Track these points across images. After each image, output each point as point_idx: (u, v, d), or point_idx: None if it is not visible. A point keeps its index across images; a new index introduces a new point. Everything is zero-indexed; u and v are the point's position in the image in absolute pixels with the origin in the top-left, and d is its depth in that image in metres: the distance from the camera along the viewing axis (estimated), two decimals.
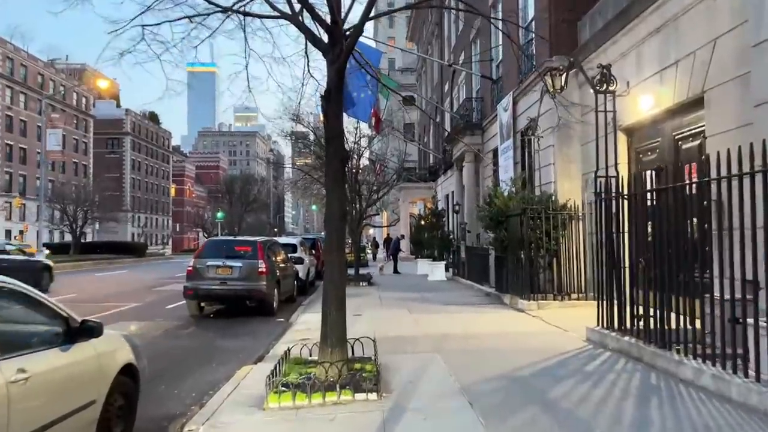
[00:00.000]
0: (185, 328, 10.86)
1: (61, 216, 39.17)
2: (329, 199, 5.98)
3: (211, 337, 9.93)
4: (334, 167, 5.99)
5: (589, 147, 13.00)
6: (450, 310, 12.02)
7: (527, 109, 15.52)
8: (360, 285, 18.43)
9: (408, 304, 13.05)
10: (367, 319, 10.75)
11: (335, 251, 5.97)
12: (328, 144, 6.02)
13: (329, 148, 5.98)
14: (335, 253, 5.97)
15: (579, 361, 6.95)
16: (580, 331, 8.70)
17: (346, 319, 7.82)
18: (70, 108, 79.65)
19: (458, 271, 20.78)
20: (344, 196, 6.12)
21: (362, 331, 9.33)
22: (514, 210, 12.45)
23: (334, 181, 5.99)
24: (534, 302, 11.52)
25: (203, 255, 12.28)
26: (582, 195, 13.15)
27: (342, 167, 6.07)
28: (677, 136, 9.87)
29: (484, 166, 21.19)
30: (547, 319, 10.14)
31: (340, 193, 6.05)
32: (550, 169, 13.79)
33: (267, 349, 8.64)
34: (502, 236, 13.16)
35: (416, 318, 10.75)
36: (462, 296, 14.76)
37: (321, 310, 6.16)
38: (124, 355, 4.55)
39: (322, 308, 6.14)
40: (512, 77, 17.49)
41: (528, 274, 11.92)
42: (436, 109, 36.40)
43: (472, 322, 10.21)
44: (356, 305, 13.16)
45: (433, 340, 8.34)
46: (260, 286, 11.89)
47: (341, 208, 6.01)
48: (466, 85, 25.47)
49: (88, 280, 23.44)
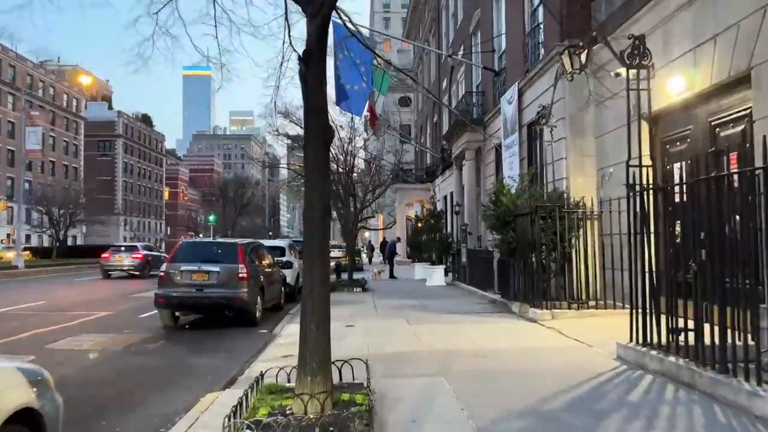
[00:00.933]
0: (153, 341, 9.57)
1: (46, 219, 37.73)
2: (308, 192, 4.74)
3: (181, 354, 8.64)
4: (315, 150, 4.75)
5: (605, 139, 11.80)
6: (453, 319, 10.76)
7: (535, 99, 14.31)
8: (354, 291, 17.19)
9: (406, 312, 11.79)
10: (360, 331, 9.49)
11: (316, 256, 4.72)
12: (308, 119, 4.78)
13: (308, 124, 4.75)
14: (316, 259, 4.72)
15: (617, 387, 5.70)
16: (607, 347, 7.47)
17: (337, 331, 6.61)
18: (60, 109, 78.15)
19: (458, 276, 19.53)
20: (327, 187, 4.86)
21: (354, 346, 8.08)
22: (523, 209, 11.23)
23: (314, 167, 4.75)
24: (547, 311, 10.29)
25: (177, 259, 10.98)
26: (597, 192, 11.94)
27: (325, 150, 4.82)
28: (714, 121, 8.67)
29: (485, 164, 19.97)
30: (565, 330, 8.90)
31: (323, 183, 4.80)
32: (562, 163, 12.58)
33: (242, 368, 7.38)
34: (509, 238, 11.93)
35: (416, 329, 9.50)
36: (464, 303, 13.50)
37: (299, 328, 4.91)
38: (16, 396, 3.28)
39: (300, 325, 4.89)
40: (517, 67, 16.29)
41: (540, 280, 10.70)
42: (433, 108, 35.23)
43: (480, 334, 8.95)
44: (349, 314, 11.92)
45: (437, 359, 7.09)
46: (240, 294, 10.62)
47: (324, 202, 4.76)
48: (465, 80, 24.29)
49: (65, 285, 22.09)
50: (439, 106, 32.38)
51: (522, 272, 11.64)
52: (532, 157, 15.20)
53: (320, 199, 4.72)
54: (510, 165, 15.78)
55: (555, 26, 12.82)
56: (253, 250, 11.86)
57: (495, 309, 12.35)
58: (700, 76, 8.68)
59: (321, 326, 4.71)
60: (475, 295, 15.47)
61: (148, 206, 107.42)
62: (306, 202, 4.77)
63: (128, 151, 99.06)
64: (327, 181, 4.78)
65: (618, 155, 11.23)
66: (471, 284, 17.13)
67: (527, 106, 15.00)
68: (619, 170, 11.24)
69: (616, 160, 11.31)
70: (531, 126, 15.12)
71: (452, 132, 22.49)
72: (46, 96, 74.85)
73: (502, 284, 13.64)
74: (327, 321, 4.82)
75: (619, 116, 11.14)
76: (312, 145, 4.71)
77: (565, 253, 10.83)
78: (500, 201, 12.17)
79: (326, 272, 4.80)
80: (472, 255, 17.42)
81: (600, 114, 11.99)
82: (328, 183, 4.80)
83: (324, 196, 4.75)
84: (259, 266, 11.94)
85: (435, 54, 33.40)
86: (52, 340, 9.55)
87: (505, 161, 16.42)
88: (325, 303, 4.75)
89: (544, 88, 13.53)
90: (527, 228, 11.08)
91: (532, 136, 15.25)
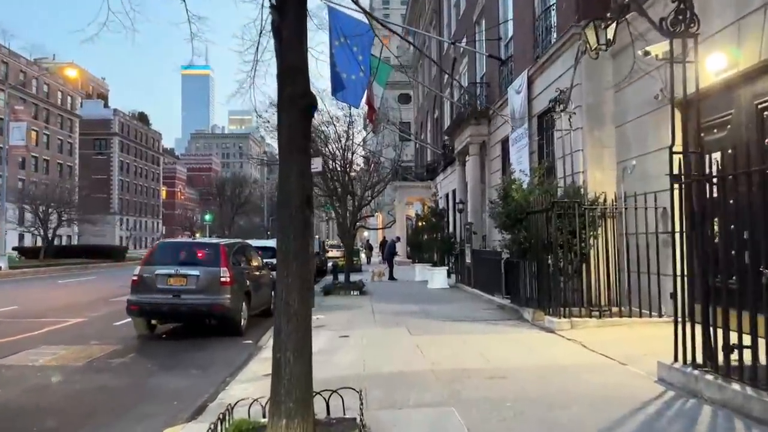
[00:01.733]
0: (121, 355, 8.44)
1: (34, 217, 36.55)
2: (283, 178, 3.64)
3: (148, 371, 7.52)
4: (291, 122, 3.65)
5: (626, 128, 10.68)
6: (460, 328, 9.65)
7: (546, 87, 13.19)
8: (351, 294, 16.09)
9: (407, 320, 10.69)
10: (355, 343, 8.38)
11: (293, 260, 3.61)
12: (282, 83, 3.66)
13: (283, 90, 3.64)
14: (293, 264, 3.61)
15: (673, 424, 4.59)
16: (642, 365, 6.40)
17: (330, 343, 5.54)
18: (54, 107, 76.91)
19: (462, 278, 18.41)
20: (308, 170, 3.72)
21: (347, 364, 6.97)
22: (538, 205, 10.12)
23: (290, 146, 3.65)
24: (565, 320, 9.18)
25: (152, 261, 9.86)
26: (617, 187, 10.83)
27: (304, 122, 3.70)
28: (762, 104, 7.56)
29: (491, 159, 18.85)
30: (589, 343, 7.78)
31: (302, 166, 3.68)
32: (578, 156, 11.46)
33: (216, 390, 6.28)
34: (520, 237, 10.82)
35: (418, 341, 8.38)
36: (471, 309, 12.39)
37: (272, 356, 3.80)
38: None
39: (272, 353, 3.78)
40: (526, 54, 15.17)
41: (557, 284, 9.59)
42: (434, 104, 34.09)
43: (492, 347, 7.84)
44: (345, 321, 10.83)
45: (445, 381, 5.98)
46: (222, 300, 9.51)
47: (303, 191, 3.64)
48: (468, 72, 23.17)
49: (45, 288, 20.95)
50: (440, 102, 31.26)
51: (535, 275, 10.53)
52: (543, 151, 14.08)
53: (299, 188, 3.62)
54: (518, 159, 14.67)
55: (570, 5, 11.71)
56: (238, 252, 10.74)
57: (504, 316, 11.24)
58: (745, 52, 7.57)
59: (300, 355, 3.61)
60: (480, 299, 14.35)
61: (145, 205, 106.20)
62: (280, 190, 3.66)
63: (124, 149, 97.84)
64: (306, 163, 3.67)
65: (642, 145, 10.13)
66: (476, 287, 16.01)
67: (538, 95, 13.88)
68: (644, 162, 10.14)
69: (639, 152, 10.21)
70: (542, 116, 14.01)
71: (455, 126, 21.36)
72: (40, 93, 73.63)
73: (511, 288, 12.54)
74: (308, 347, 3.71)
75: (643, 102, 10.04)
76: (287, 117, 3.61)
77: (582, 254, 9.72)
78: (511, 197, 11.06)
79: (307, 282, 3.70)
80: (477, 256, 16.31)
81: (621, 100, 10.87)
82: (308, 166, 3.68)
83: (304, 183, 3.64)
84: (246, 269, 10.82)
85: (436, 47, 32.27)
86: (8, 353, 8.45)
87: (512, 155, 15.30)
88: (305, 324, 3.65)
89: (558, 74, 12.41)
90: (542, 226, 9.97)
91: (543, 128, 14.14)
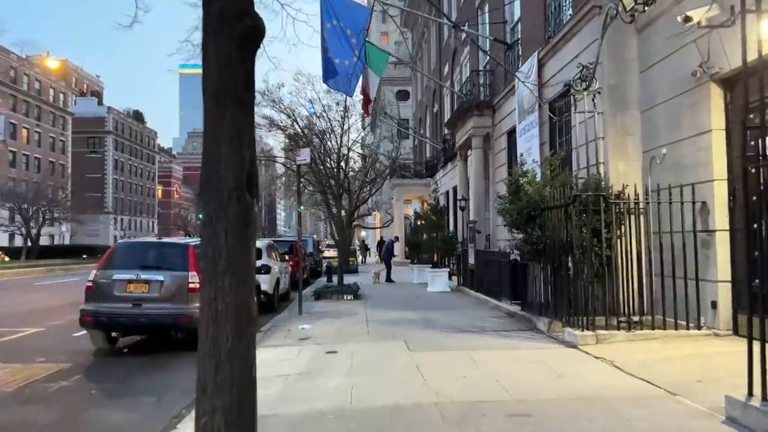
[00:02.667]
0: (65, 377, 7.11)
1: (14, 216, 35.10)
2: (209, 142, 2.31)
3: (90, 399, 6.19)
4: (223, 53, 2.31)
5: (655, 113, 9.36)
6: (466, 341, 8.33)
7: (560, 70, 11.89)
8: (344, 298, 14.76)
9: (405, 331, 9.38)
10: (343, 363, 7.06)
11: (223, 272, 2.29)
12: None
13: (210, 1, 2.31)
14: (224, 278, 2.29)
15: None
16: (697, 395, 5.13)
17: (314, 362, 4.30)
18: (46, 104, 75.41)
19: (465, 281, 17.09)
20: (247, 131, 2.34)
21: (330, 394, 5.64)
22: (555, 200, 8.81)
23: (219, 91, 2.30)
24: (590, 332, 7.87)
25: (110, 264, 8.51)
26: (643, 179, 9.53)
27: (244, 53, 2.33)
28: None
29: (495, 152, 17.53)
30: (623, 364, 6.48)
31: (239, 122, 2.33)
32: (598, 145, 10.13)
33: (165, 429, 4.98)
34: (534, 237, 9.52)
35: (418, 360, 7.06)
36: (476, 317, 11.07)
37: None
38: None
39: (195, 418, 2.44)
40: (535, 37, 13.86)
41: (579, 290, 8.28)
42: (433, 98, 32.78)
43: (509, 369, 6.52)
44: (334, 332, 9.53)
45: (454, 419, 4.67)
46: (191, 310, 8.16)
47: (240, 161, 2.30)
48: (470, 61, 21.85)
49: (18, 292, 19.60)
50: (440, 95, 29.96)
51: (551, 280, 9.24)
52: (555, 141, 12.77)
53: (235, 162, 2.30)
54: (528, 151, 13.36)
55: None
56: None
57: (515, 325, 9.93)
58: None
59: (237, 420, 2.27)
60: (486, 305, 13.04)
61: (140, 204, 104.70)
62: (205, 166, 2.35)
63: (119, 148, 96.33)
64: (247, 123, 2.34)
65: (674, 131, 8.82)
66: (480, 291, 14.71)
67: (549, 79, 12.57)
68: (676, 150, 8.82)
69: (670, 138, 8.90)
70: (554, 103, 12.71)
71: (456, 118, 20.03)
72: (32, 90, 72.16)
73: (521, 293, 11.24)
74: (249, 406, 2.38)
75: (676, 81, 8.71)
76: (216, 47, 2.29)
77: (603, 255, 8.41)
78: (523, 191, 9.74)
79: (246, 308, 2.36)
80: (482, 256, 15.00)
81: (648, 81, 9.57)
82: (249, 127, 2.35)
83: (242, 153, 2.32)
84: None
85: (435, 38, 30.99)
86: None
87: (521, 147, 13.99)
88: (243, 372, 2.33)
89: (573, 55, 11.09)
90: (560, 224, 8.67)
91: (555, 116, 12.83)
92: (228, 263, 2.30)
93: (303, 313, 11.97)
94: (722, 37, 7.60)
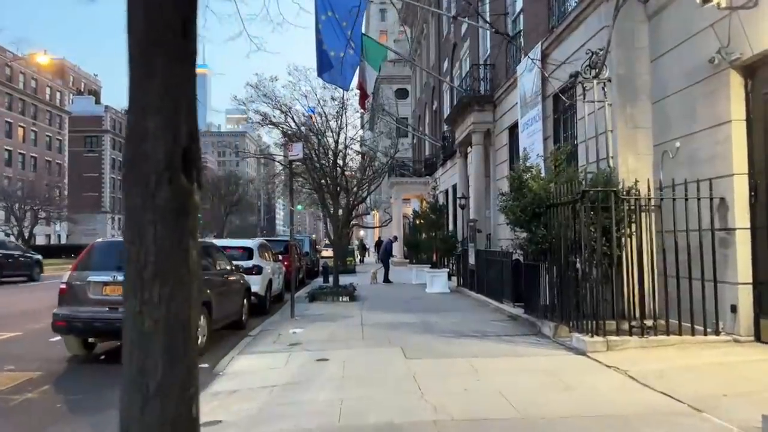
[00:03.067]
0: (32, 388, 6.54)
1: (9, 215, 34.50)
2: (135, 109, 1.75)
3: (51, 415, 5.61)
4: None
5: (667, 103, 8.80)
6: (467, 348, 7.78)
7: (565, 61, 11.32)
8: (340, 300, 14.20)
9: (402, 336, 8.82)
10: (334, 373, 6.50)
11: (152, 279, 1.73)
12: None
13: None
14: (152, 287, 1.74)
15: None
16: (727, 413, 4.58)
17: (302, 372, 3.87)
18: (42, 103, 74.78)
19: (465, 282, 16.54)
20: (184, 93, 1.76)
21: (317, 407, 5.08)
22: (562, 196, 8.26)
23: (144, 40, 1.73)
24: (600, 338, 7.32)
25: (86, 266, 7.94)
26: (654, 174, 8.98)
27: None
28: None
29: (496, 148, 16.98)
30: (639, 374, 5.92)
31: (173, 81, 1.77)
32: (608, 138, 9.57)
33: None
34: (539, 235, 8.96)
35: (416, 369, 6.51)
36: (478, 320, 10.52)
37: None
38: None
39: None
40: (538, 27, 13.31)
41: (587, 292, 7.73)
42: (432, 95, 32.23)
43: (515, 380, 5.97)
44: (326, 337, 8.98)
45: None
46: None
47: (174, 132, 1.73)
48: (470, 56, 21.30)
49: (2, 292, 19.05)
50: (439, 92, 29.42)
51: (557, 281, 8.68)
52: (560, 135, 12.23)
53: (166, 136, 1.74)
54: (531, 146, 12.80)
55: None
56: None
57: (519, 330, 9.37)
58: None
59: None
60: (487, 307, 12.49)
61: None
62: (129, 141, 1.78)
63: (116, 147, 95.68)
64: (184, 85, 1.78)
65: (688, 123, 8.27)
66: (481, 292, 14.17)
67: (554, 71, 12.00)
68: (690, 143, 8.26)
69: (684, 131, 8.35)
70: (558, 96, 12.16)
71: (456, 114, 19.47)
72: (28, 89, 71.55)
73: (523, 295, 10.70)
74: None
75: (691, 70, 8.16)
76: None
77: (615, 255, 7.86)
78: (527, 187, 9.19)
79: (182, 323, 1.80)
80: (483, 256, 14.45)
81: (660, 70, 9.01)
82: (186, 90, 1.79)
83: (177, 122, 1.76)
84: (206, 274, 8.95)
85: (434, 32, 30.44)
86: None
87: (523, 142, 13.44)
88: (179, 408, 1.76)
89: (579, 44, 10.55)
90: (568, 222, 8.12)
91: (559, 109, 12.29)
92: (158, 267, 1.75)
93: (295, 316, 11.42)
94: (743, 20, 7.05)
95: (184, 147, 1.80)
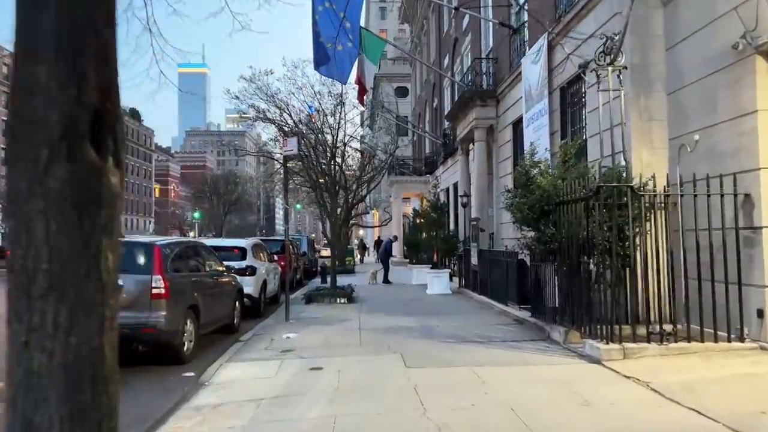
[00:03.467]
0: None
1: None
2: (20, 53, 1.23)
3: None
4: None
5: (685, 94, 8.25)
6: (473, 356, 7.24)
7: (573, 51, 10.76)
8: (337, 302, 13.66)
9: (402, 341, 8.28)
10: (328, 384, 5.96)
11: (48, 293, 1.21)
12: None
13: None
14: (48, 304, 1.22)
15: None
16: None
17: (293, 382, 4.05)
18: None
19: (467, 283, 16.00)
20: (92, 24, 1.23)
21: (308, 423, 4.56)
22: (573, 193, 7.72)
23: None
24: (615, 345, 6.79)
25: None
26: (672, 169, 8.43)
27: None
28: None
29: (499, 145, 16.43)
30: (662, 387, 5.38)
31: (77, 26, 1.23)
32: (619, 132, 9.01)
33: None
34: (547, 234, 8.42)
35: (417, 380, 5.97)
36: (482, 324, 9.98)
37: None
38: None
39: None
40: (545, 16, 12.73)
41: (601, 295, 7.20)
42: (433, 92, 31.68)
43: (525, 393, 5.43)
44: (321, 342, 8.45)
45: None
46: (154, 319, 7.11)
47: (76, 84, 1.20)
48: (472, 51, 20.74)
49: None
50: (440, 89, 28.87)
51: (568, 283, 8.15)
52: (567, 130, 11.69)
53: (65, 91, 1.20)
54: (536, 142, 12.23)
55: None
56: (182, 254, 8.32)
57: (526, 335, 8.83)
58: None
59: None
60: (491, 309, 11.95)
61: (136, 203, 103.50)
62: (13, 103, 1.25)
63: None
64: (91, 14, 1.28)
65: (708, 115, 7.72)
66: (484, 294, 13.62)
67: (561, 62, 11.46)
68: (711, 136, 7.71)
69: (704, 123, 7.81)
70: (565, 89, 11.63)
71: (457, 110, 18.92)
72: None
73: (530, 297, 10.17)
74: None
75: (710, 57, 7.62)
76: None
77: (632, 255, 7.33)
78: (534, 183, 8.65)
79: (92, 358, 1.27)
80: (486, 256, 13.90)
81: (676, 59, 8.47)
82: (94, 22, 1.29)
83: (77, 72, 1.23)
84: (194, 276, 8.43)
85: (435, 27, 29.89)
86: None
87: (529, 137, 12.90)
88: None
89: (590, 32, 9.98)
90: (579, 220, 7.58)
91: (566, 103, 11.75)
92: (52, 279, 1.22)
93: (290, 319, 10.88)
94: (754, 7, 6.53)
95: (93, 107, 1.26)
